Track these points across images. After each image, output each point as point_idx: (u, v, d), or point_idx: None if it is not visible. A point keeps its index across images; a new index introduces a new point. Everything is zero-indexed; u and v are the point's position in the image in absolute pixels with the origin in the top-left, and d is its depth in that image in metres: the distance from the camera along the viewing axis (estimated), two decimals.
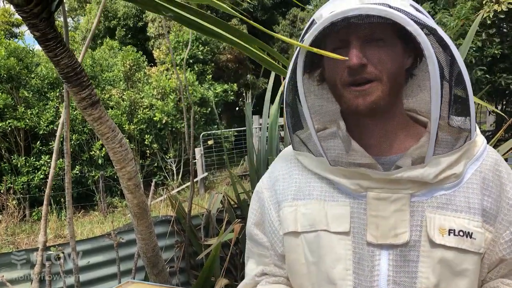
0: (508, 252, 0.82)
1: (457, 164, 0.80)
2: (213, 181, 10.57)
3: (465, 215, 0.79)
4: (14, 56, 8.46)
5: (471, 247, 0.78)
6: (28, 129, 8.51)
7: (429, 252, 0.78)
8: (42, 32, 1.39)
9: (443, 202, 0.80)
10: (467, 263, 0.78)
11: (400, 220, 0.79)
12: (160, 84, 10.38)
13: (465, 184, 0.81)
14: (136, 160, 9.43)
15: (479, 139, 0.85)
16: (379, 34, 0.77)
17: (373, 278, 0.80)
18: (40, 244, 2.22)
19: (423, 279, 0.78)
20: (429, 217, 0.79)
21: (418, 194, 0.80)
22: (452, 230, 0.78)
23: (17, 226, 7.26)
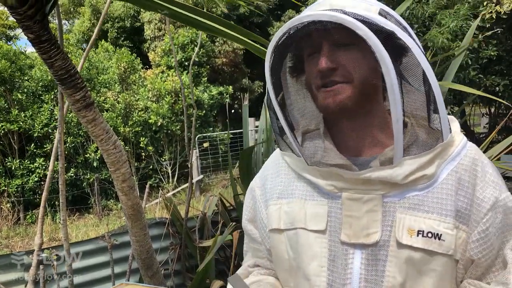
0: (475, 253, 0.81)
1: (430, 165, 0.81)
2: (209, 183, 10.56)
3: (436, 216, 0.80)
4: (6, 59, 8.42)
5: (439, 249, 0.79)
6: (22, 131, 8.47)
7: (397, 252, 0.80)
8: (36, 34, 1.39)
9: (415, 203, 0.81)
10: (435, 264, 0.79)
11: (372, 220, 0.82)
12: (155, 86, 10.36)
13: (440, 185, 0.81)
14: (131, 162, 9.40)
15: (457, 138, 0.85)
16: (348, 39, 0.78)
17: (346, 276, 0.83)
18: (36, 246, 2.22)
19: (390, 278, 0.80)
20: (399, 217, 0.81)
21: (390, 195, 0.82)
22: (421, 231, 0.79)
23: (11, 229, 7.21)
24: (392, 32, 0.76)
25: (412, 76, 0.78)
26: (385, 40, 0.74)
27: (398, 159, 0.79)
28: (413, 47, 0.77)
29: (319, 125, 0.93)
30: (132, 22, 16.04)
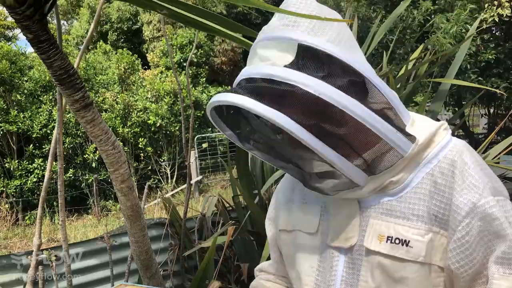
0: (453, 262, 0.76)
1: (398, 174, 0.79)
2: (208, 184, 10.56)
3: (405, 222, 0.78)
4: (6, 59, 8.41)
5: (406, 255, 0.77)
6: (20, 132, 8.46)
7: (368, 257, 0.81)
8: (35, 34, 1.39)
9: (387, 208, 0.80)
10: (405, 271, 0.77)
11: (351, 225, 0.83)
12: (154, 87, 10.36)
13: (413, 189, 0.79)
14: (130, 163, 9.39)
15: (437, 139, 0.81)
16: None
17: (331, 277, 0.86)
18: (35, 247, 2.21)
19: (363, 282, 0.82)
20: (371, 223, 0.81)
21: (367, 199, 0.82)
22: (390, 237, 0.78)
23: (9, 230, 7.20)
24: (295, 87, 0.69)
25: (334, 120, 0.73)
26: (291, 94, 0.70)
27: (362, 182, 0.78)
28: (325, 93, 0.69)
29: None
30: (130, 25, 16.04)
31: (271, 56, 0.74)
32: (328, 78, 0.70)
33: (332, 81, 0.70)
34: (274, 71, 0.71)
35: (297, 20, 0.75)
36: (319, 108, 0.71)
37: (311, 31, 0.74)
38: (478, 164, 0.78)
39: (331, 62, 0.72)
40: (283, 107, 0.69)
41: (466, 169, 0.77)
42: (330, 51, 0.72)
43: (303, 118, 0.70)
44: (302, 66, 0.71)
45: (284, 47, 0.73)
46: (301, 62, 0.72)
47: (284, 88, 0.70)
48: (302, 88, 0.69)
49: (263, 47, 0.76)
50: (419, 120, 0.84)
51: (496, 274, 0.73)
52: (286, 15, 0.76)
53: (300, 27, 0.74)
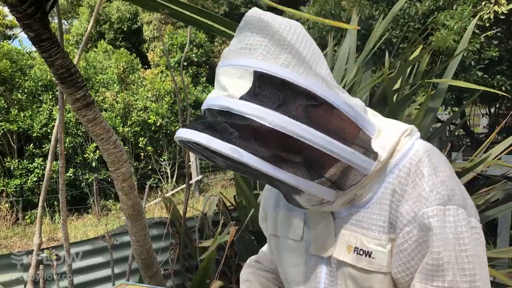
0: (393, 268, 0.79)
1: (362, 188, 0.81)
2: (208, 184, 10.55)
3: (368, 232, 0.80)
4: (7, 58, 8.41)
5: (369, 266, 0.79)
6: (21, 131, 8.46)
7: (339, 267, 0.84)
8: (37, 33, 1.39)
9: (356, 219, 0.82)
10: (371, 281, 0.80)
11: (327, 234, 0.86)
12: (154, 86, 10.35)
13: (378, 200, 0.80)
14: (130, 162, 9.38)
15: (398, 148, 0.81)
16: None
17: (316, 285, 0.89)
18: (35, 246, 2.21)
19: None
20: (342, 233, 0.84)
21: (339, 211, 0.85)
22: (356, 248, 0.81)
23: (10, 229, 7.20)
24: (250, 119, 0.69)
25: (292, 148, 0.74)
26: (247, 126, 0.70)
27: (331, 198, 0.79)
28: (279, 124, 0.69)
29: None
30: (129, 24, 16.04)
31: (229, 85, 0.73)
32: (282, 106, 0.70)
33: (286, 109, 0.69)
34: (229, 104, 0.70)
35: (252, 44, 0.73)
36: (277, 138, 0.71)
37: (266, 54, 0.72)
38: (435, 172, 0.77)
39: (285, 88, 0.71)
40: (241, 139, 0.70)
41: (419, 178, 0.77)
42: (285, 76, 0.71)
43: (262, 149, 0.70)
44: (258, 94, 0.70)
45: (241, 74, 0.72)
46: (257, 90, 0.71)
47: (239, 122, 0.69)
48: (256, 120, 0.68)
49: (223, 74, 0.75)
50: (385, 129, 0.83)
51: (417, 285, 0.75)
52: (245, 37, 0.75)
53: (256, 50, 0.73)
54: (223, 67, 0.76)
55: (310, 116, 0.71)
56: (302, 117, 0.70)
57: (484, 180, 2.63)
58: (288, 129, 0.68)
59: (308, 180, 0.74)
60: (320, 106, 0.73)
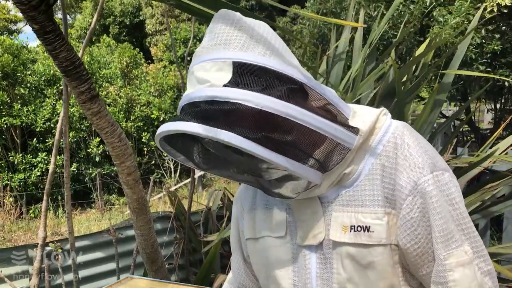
0: (400, 238, 0.82)
1: (349, 166, 0.83)
2: (211, 178, 10.56)
3: (364, 209, 0.82)
4: (9, 53, 8.41)
5: (369, 241, 0.81)
6: (24, 126, 8.47)
7: (336, 249, 0.84)
8: (41, 25, 1.38)
9: (346, 199, 0.84)
10: (371, 255, 0.82)
11: (315, 221, 0.86)
12: (157, 81, 10.34)
13: (366, 176, 0.83)
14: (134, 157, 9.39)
15: (378, 125, 0.85)
16: None
17: (306, 276, 0.89)
18: (40, 240, 2.21)
19: (336, 274, 0.85)
20: (334, 216, 0.85)
21: (326, 195, 0.86)
22: (353, 226, 0.82)
23: (14, 224, 7.23)
24: (237, 104, 0.72)
25: (279, 127, 0.76)
26: (234, 111, 0.72)
27: (318, 180, 0.81)
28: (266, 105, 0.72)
29: None
30: (132, 18, 16.02)
31: (209, 77, 0.75)
32: (266, 90, 0.73)
33: (270, 92, 0.73)
34: (214, 92, 0.73)
35: (227, 39, 0.78)
36: (264, 120, 0.74)
37: (243, 47, 0.77)
38: (418, 143, 0.83)
39: (266, 74, 0.75)
40: (230, 125, 0.71)
41: (407, 149, 0.82)
42: (264, 63, 0.75)
43: (251, 132, 0.72)
44: (240, 83, 0.74)
45: (220, 67, 0.75)
46: (238, 79, 0.74)
47: (227, 107, 0.72)
48: (244, 104, 0.71)
49: (200, 70, 0.77)
50: (360, 110, 0.88)
51: (442, 255, 0.79)
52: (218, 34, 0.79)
53: (232, 43, 0.77)
54: (199, 64, 0.78)
55: (292, 98, 0.75)
56: (286, 98, 0.73)
57: (490, 175, 2.61)
58: (276, 109, 0.72)
59: (296, 161, 0.76)
60: (299, 89, 0.77)
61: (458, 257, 0.78)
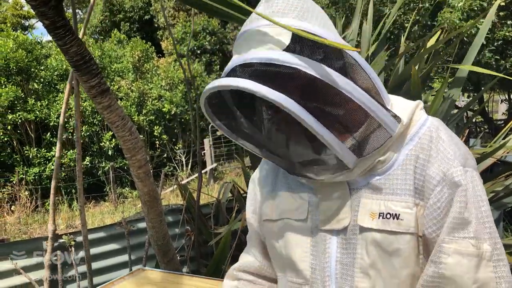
0: (426, 228, 0.83)
1: (385, 154, 0.84)
2: (222, 171, 10.61)
3: (394, 197, 0.83)
4: (23, 48, 8.51)
5: (398, 228, 0.82)
6: (38, 120, 8.59)
7: (362, 235, 0.85)
8: (51, 20, 1.39)
9: (376, 186, 0.85)
10: (398, 243, 0.82)
11: (342, 206, 0.87)
12: (168, 75, 10.38)
13: (400, 166, 0.84)
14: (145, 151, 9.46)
15: (415, 118, 0.86)
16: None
17: (325, 260, 0.89)
18: (50, 233, 2.25)
19: (359, 260, 0.86)
20: (363, 202, 0.85)
21: (356, 180, 0.87)
22: (382, 213, 0.83)
23: (29, 217, 7.36)
24: (296, 69, 0.72)
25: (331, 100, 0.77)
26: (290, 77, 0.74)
27: (351, 164, 0.81)
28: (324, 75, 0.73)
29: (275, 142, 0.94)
30: (142, 14, 16.05)
31: (268, 41, 0.76)
32: (324, 61, 0.74)
33: (328, 63, 0.74)
34: (273, 55, 0.73)
35: (286, 8, 0.79)
36: (318, 89, 0.75)
37: (301, 17, 0.78)
38: (451, 139, 0.84)
39: (325, 46, 0.75)
40: (283, 88, 0.72)
41: (441, 143, 0.83)
42: (323, 35, 0.76)
43: (303, 100, 0.73)
44: (299, 50, 0.74)
45: (278, 32, 0.76)
46: (297, 47, 0.74)
47: (284, 71, 0.73)
48: (302, 70, 0.72)
49: (257, 34, 0.78)
50: (396, 101, 0.89)
51: (444, 237, 0.80)
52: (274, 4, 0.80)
53: (290, 14, 0.78)
54: (256, 28, 0.79)
55: (347, 74, 0.76)
56: (342, 72, 0.75)
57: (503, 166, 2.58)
58: (333, 80, 0.73)
59: (337, 138, 0.77)
60: (352, 66, 0.78)
61: (460, 245, 0.78)
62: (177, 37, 12.65)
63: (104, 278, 2.69)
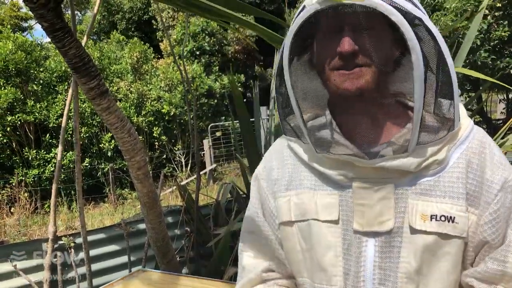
0: (489, 234, 0.81)
1: (440, 151, 0.81)
2: (222, 172, 10.60)
3: (448, 200, 0.80)
4: (22, 50, 8.50)
5: (453, 231, 0.80)
6: (37, 122, 8.59)
7: (411, 238, 0.81)
8: (50, 23, 1.39)
9: (427, 188, 0.81)
10: (449, 246, 0.80)
11: (385, 207, 0.82)
12: (167, 76, 10.38)
13: (450, 169, 0.82)
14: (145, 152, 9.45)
15: (464, 122, 0.85)
16: (370, 22, 0.77)
17: (360, 264, 0.84)
18: (50, 235, 2.25)
19: (405, 264, 0.81)
20: (411, 204, 0.81)
21: (402, 181, 0.82)
22: (434, 216, 0.80)
23: (29, 218, 7.35)
24: (420, 19, 0.74)
25: (435, 64, 0.77)
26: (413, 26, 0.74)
27: (413, 148, 0.79)
28: (437, 33, 0.75)
29: (324, 110, 0.91)
30: (141, 14, 16.06)
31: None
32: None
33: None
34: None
35: None
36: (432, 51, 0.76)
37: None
38: (496, 145, 0.86)
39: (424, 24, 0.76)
40: None
41: (492, 149, 0.84)
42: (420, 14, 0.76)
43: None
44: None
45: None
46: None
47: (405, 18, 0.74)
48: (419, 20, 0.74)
49: None
50: None
51: (510, 231, 0.81)
52: None
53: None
54: None
55: None
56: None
57: None
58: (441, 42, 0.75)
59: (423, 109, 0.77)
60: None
61: None
62: (177, 38, 12.65)
63: (103, 279, 2.69)
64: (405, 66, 0.83)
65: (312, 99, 0.91)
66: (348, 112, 0.86)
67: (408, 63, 0.80)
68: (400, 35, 0.75)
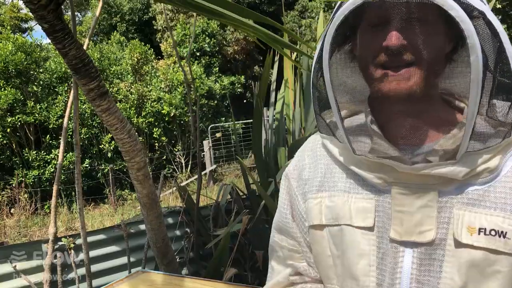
0: None
1: (492, 158, 0.73)
2: (222, 173, 10.61)
3: (499, 212, 0.71)
4: (22, 51, 8.51)
5: (504, 248, 0.70)
6: (37, 123, 8.59)
7: (455, 251, 0.73)
8: (50, 24, 1.40)
9: (475, 198, 0.73)
10: (500, 264, 0.71)
11: (426, 216, 0.74)
12: (167, 77, 10.39)
13: (503, 178, 0.73)
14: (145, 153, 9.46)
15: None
16: (421, 15, 0.69)
17: (395, 276, 0.77)
18: (51, 236, 2.25)
19: (447, 280, 0.73)
20: (457, 214, 0.73)
21: (447, 189, 0.74)
22: (483, 229, 0.71)
23: (29, 219, 7.36)
24: (483, 13, 0.66)
25: (492, 63, 0.69)
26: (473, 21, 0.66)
27: (461, 155, 0.71)
28: (500, 29, 0.67)
29: (363, 107, 0.84)
30: (141, 15, 16.08)
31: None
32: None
33: None
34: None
35: None
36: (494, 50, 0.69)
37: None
38: None
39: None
40: None
41: None
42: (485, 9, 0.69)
43: None
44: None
45: None
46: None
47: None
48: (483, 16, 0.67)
49: None
50: None
51: None
52: None
53: None
54: None
55: None
56: None
57: None
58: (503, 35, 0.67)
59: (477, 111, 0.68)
60: None
61: None
62: (177, 39, 12.67)
63: (103, 280, 2.69)
64: (458, 63, 0.76)
65: (352, 94, 0.85)
66: (390, 111, 0.79)
67: (461, 60, 0.74)
68: (456, 30, 0.67)
